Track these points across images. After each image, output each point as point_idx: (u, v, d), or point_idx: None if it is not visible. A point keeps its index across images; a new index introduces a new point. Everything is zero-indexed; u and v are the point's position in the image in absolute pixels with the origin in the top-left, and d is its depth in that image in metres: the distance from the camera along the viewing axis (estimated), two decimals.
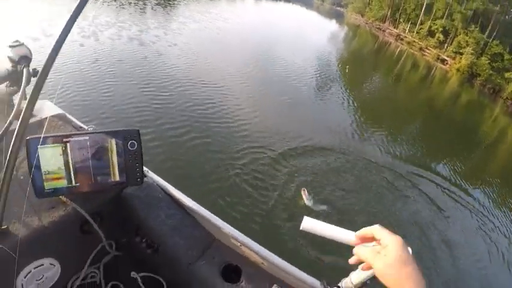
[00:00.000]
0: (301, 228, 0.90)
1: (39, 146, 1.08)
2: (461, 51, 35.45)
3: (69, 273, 1.37)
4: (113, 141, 1.20)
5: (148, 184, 1.50)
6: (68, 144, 1.13)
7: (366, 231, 0.74)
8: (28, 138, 1.08)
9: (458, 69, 33.08)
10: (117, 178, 1.25)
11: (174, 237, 1.35)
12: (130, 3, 15.52)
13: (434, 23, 39.75)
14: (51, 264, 1.24)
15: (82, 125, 1.63)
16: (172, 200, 1.49)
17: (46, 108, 1.66)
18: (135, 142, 1.25)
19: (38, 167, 1.10)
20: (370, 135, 8.38)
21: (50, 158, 1.11)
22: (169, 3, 19.16)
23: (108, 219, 1.40)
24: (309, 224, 0.90)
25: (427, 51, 38.39)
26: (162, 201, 1.46)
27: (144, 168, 1.43)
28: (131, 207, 1.42)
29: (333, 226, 0.90)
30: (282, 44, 16.80)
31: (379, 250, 0.68)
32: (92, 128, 1.54)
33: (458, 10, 37.20)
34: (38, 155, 1.09)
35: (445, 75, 30.58)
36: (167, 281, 1.43)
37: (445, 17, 38.98)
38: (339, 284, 0.91)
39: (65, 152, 1.13)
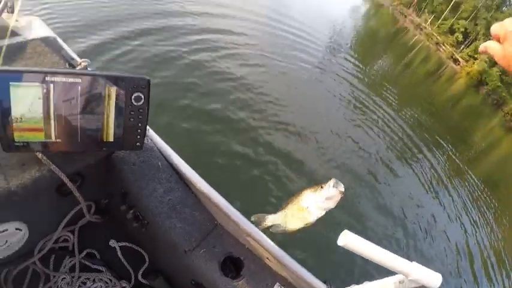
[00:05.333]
0: (339, 244, 0.80)
1: (11, 83, 0.78)
2: (476, 56, 35.56)
3: (38, 238, 1.19)
4: (113, 90, 0.90)
5: (147, 148, 1.23)
6: (52, 85, 0.82)
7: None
8: None
9: (468, 73, 33.33)
10: (111, 139, 0.96)
11: (172, 218, 1.15)
12: None
13: (457, 22, 39.52)
14: (17, 229, 1.04)
15: (74, 55, 1.28)
16: (175, 172, 1.24)
17: (34, 27, 1.32)
18: (142, 96, 0.94)
19: (7, 111, 0.80)
20: (359, 110, 8.17)
21: (25, 100, 0.81)
22: None
23: (91, 181, 1.17)
24: (351, 242, 0.79)
25: (443, 47, 38.16)
26: (161, 172, 1.22)
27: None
28: (122, 173, 1.17)
29: (381, 249, 0.80)
30: (299, 2, 15.88)
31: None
32: (87, 63, 1.20)
33: (484, 16, 37.22)
34: (10, 95, 0.78)
35: (454, 76, 30.63)
36: (151, 260, 1.30)
37: (469, 19, 38.61)
38: None
39: (46, 96, 0.82)
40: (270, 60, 7.69)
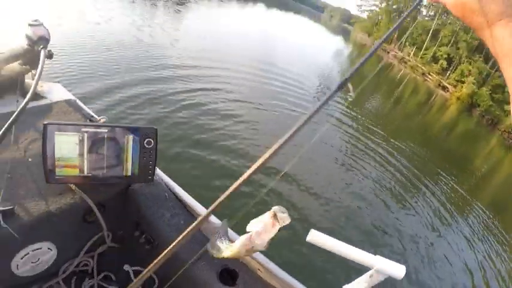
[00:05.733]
0: (307, 240, 0.89)
1: (56, 132, 1.07)
2: (463, 79, 35.82)
3: (63, 259, 1.37)
4: (130, 137, 1.19)
5: (156, 182, 1.48)
6: (86, 134, 1.11)
7: None
8: (46, 123, 1.06)
9: (458, 98, 33.34)
10: (129, 173, 1.24)
11: (176, 237, 1.35)
12: None
13: (439, 50, 40.27)
14: (49, 248, 1.23)
15: (93, 113, 1.60)
16: (178, 200, 1.48)
17: (57, 92, 1.66)
18: (152, 140, 1.24)
19: (52, 152, 1.08)
20: (358, 150, 8.33)
21: (66, 145, 1.09)
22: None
23: (110, 211, 1.39)
24: (316, 238, 0.89)
25: (430, 76, 38.69)
26: (168, 201, 1.44)
27: None
28: (136, 202, 1.40)
29: (345, 244, 0.89)
30: (284, 52, 16.86)
31: None
32: (104, 119, 1.53)
33: (464, 39, 37.79)
34: (55, 141, 1.07)
35: (445, 103, 30.72)
36: (160, 279, 1.44)
37: (450, 44, 39.54)
38: None
39: (81, 142, 1.11)
40: (260, 111, 8.12)
